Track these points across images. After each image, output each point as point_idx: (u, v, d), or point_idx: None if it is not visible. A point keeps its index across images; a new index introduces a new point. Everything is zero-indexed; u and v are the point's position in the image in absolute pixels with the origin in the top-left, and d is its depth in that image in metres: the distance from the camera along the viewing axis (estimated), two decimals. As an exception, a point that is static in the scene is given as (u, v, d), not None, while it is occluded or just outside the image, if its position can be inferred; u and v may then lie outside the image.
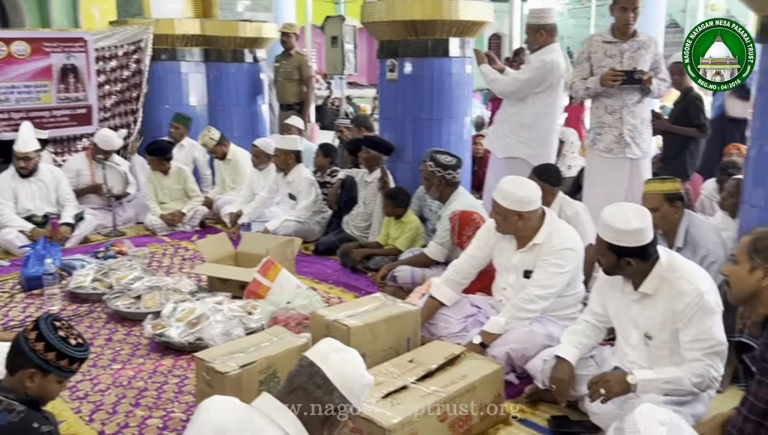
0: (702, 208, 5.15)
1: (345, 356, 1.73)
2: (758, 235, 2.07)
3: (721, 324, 2.53)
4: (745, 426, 1.94)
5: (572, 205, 4.01)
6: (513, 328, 3.12)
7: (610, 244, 2.57)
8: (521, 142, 4.71)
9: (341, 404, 1.66)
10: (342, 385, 1.66)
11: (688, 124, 5.12)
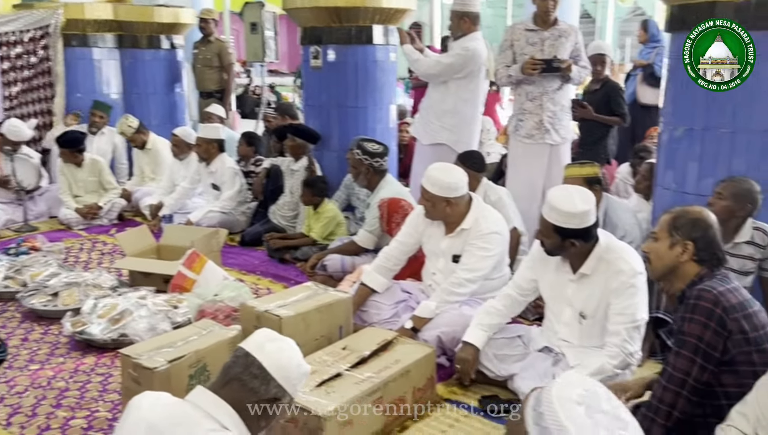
0: (617, 192, 5.37)
1: (281, 345, 1.71)
2: (677, 213, 2.18)
3: (646, 303, 2.66)
4: (665, 395, 2.06)
5: (496, 190, 4.10)
6: (443, 312, 3.17)
7: (556, 226, 2.64)
8: (445, 128, 4.77)
9: (279, 394, 1.64)
10: (279, 374, 1.64)
11: (610, 113, 5.32)
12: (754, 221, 3.19)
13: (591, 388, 1.04)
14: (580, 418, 0.98)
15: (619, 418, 1.02)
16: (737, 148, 3.27)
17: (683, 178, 3.50)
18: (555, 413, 0.99)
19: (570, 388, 1.03)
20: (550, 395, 1.02)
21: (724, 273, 2.11)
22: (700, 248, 2.09)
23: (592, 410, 1.00)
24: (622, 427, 1.01)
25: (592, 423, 0.98)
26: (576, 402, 1.00)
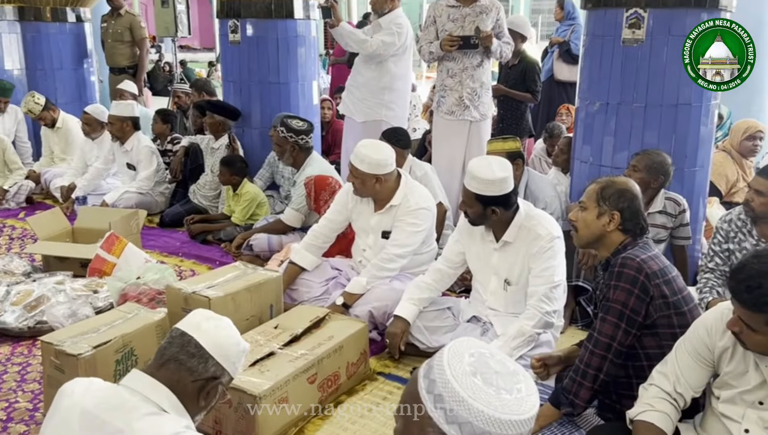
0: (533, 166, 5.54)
1: (218, 323, 1.67)
2: (605, 183, 2.26)
3: (563, 266, 2.77)
4: (592, 360, 2.15)
5: (421, 166, 4.14)
6: (374, 287, 3.19)
7: (477, 195, 2.70)
8: (383, 104, 4.77)
9: (217, 372, 1.60)
10: (217, 352, 1.60)
11: (525, 90, 5.44)
12: (666, 192, 3.37)
13: (475, 350, 1.03)
14: (481, 391, 0.98)
15: (511, 373, 1.02)
16: (649, 122, 3.43)
17: (600, 152, 3.64)
18: (455, 392, 0.97)
19: (458, 360, 1.01)
20: (444, 374, 0.99)
21: (645, 241, 2.21)
22: (626, 218, 2.18)
23: (487, 375, 0.99)
24: (517, 381, 1.01)
25: (494, 390, 0.98)
26: (470, 374, 0.99)
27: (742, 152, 4.44)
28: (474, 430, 0.96)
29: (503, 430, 0.97)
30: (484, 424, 0.96)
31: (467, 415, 0.96)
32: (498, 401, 0.97)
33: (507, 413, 0.97)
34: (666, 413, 1.90)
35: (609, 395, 2.25)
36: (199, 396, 1.58)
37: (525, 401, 1.00)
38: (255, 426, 2.31)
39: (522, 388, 1.01)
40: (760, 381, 1.78)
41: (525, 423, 0.99)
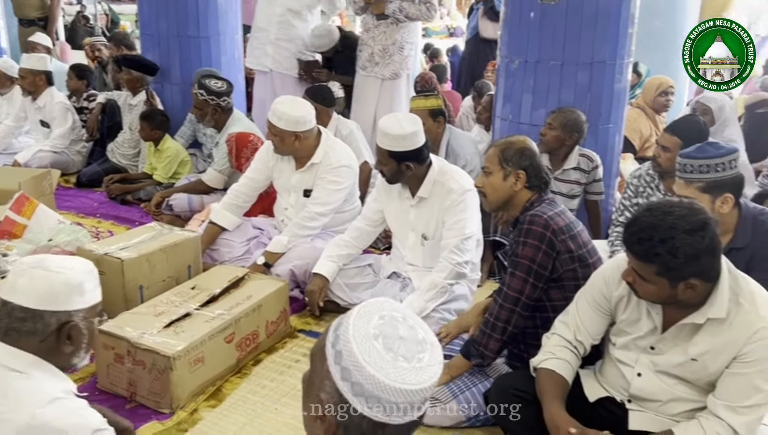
0: (461, 124, 5.59)
1: (33, 274, 1.50)
2: (503, 145, 2.29)
3: (477, 220, 2.82)
4: (501, 313, 2.22)
5: (347, 124, 4.12)
6: (295, 246, 3.19)
7: (390, 152, 2.73)
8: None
9: (62, 318, 1.50)
10: (45, 304, 1.49)
11: None
12: (581, 148, 3.47)
13: (387, 313, 1.03)
14: (377, 355, 0.98)
15: (417, 341, 1.02)
16: (566, 80, 3.49)
17: (519, 109, 3.69)
18: (352, 353, 0.98)
19: (366, 321, 1.01)
20: (347, 333, 0.99)
21: (551, 198, 2.27)
22: (530, 175, 2.23)
23: (390, 340, 1.00)
24: (421, 350, 1.01)
25: (392, 357, 0.98)
26: (372, 336, 0.99)
27: (655, 108, 4.60)
28: (364, 392, 0.97)
29: (391, 396, 0.97)
30: (373, 388, 0.97)
31: (359, 377, 0.97)
32: (392, 368, 0.98)
33: (398, 382, 0.97)
34: (567, 361, 1.99)
35: (518, 345, 2.34)
36: (59, 347, 1.51)
37: (423, 371, 0.99)
38: (169, 386, 2.30)
39: (424, 358, 1.00)
40: (651, 327, 1.88)
41: (417, 393, 0.98)
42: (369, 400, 0.97)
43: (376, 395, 0.97)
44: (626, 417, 1.94)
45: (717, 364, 1.78)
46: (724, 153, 2.27)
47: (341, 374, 0.98)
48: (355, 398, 0.97)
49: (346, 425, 0.99)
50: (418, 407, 1.00)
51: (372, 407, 0.97)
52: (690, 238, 1.64)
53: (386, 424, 0.98)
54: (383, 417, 0.98)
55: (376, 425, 0.98)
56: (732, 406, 1.75)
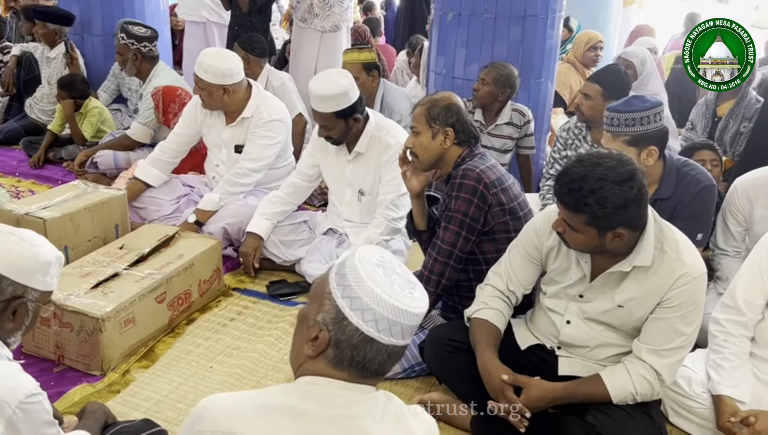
0: (396, 79, 5.55)
1: (7, 239, 1.47)
2: (428, 104, 2.26)
3: None
4: (435, 266, 2.24)
5: (278, 75, 4.02)
6: (228, 204, 3.11)
7: (336, 112, 2.67)
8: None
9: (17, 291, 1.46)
10: (9, 271, 1.44)
11: None
12: (513, 103, 3.49)
13: (386, 255, 1.16)
14: (378, 277, 1.10)
15: (410, 281, 1.15)
16: (499, 34, 3.49)
17: (453, 64, 3.68)
18: (356, 271, 1.10)
19: (369, 254, 1.14)
20: (353, 259, 1.12)
21: (482, 152, 2.28)
22: (458, 131, 2.22)
23: (389, 271, 1.12)
24: (413, 287, 1.13)
25: (389, 281, 1.10)
26: (375, 264, 1.11)
27: (585, 63, 4.67)
28: (361, 305, 1.08)
29: (385, 311, 1.08)
30: (370, 301, 1.08)
31: (359, 291, 1.08)
32: (389, 288, 1.09)
33: (393, 298, 1.08)
34: (499, 310, 2.03)
35: (452, 297, 2.37)
36: (2, 317, 1.46)
37: (414, 300, 1.11)
38: (99, 348, 2.24)
39: (415, 293, 1.12)
40: (580, 276, 1.93)
41: (406, 314, 1.09)
42: (365, 314, 1.08)
43: (372, 308, 1.07)
44: (556, 363, 2.00)
45: (642, 310, 1.85)
46: (649, 106, 2.32)
47: (342, 292, 1.09)
48: (352, 312, 1.08)
49: (338, 340, 1.09)
50: (402, 334, 1.10)
51: (366, 321, 1.08)
52: (618, 188, 1.68)
53: (374, 339, 1.08)
54: (374, 332, 1.08)
55: (366, 339, 1.08)
56: (655, 350, 1.83)
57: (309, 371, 1.12)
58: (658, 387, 1.84)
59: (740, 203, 2.53)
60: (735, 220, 2.56)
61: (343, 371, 1.10)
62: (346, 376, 1.11)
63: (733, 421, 1.92)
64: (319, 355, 1.11)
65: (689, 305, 1.80)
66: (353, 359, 1.09)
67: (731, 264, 2.51)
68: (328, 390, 1.10)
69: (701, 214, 2.41)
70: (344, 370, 1.10)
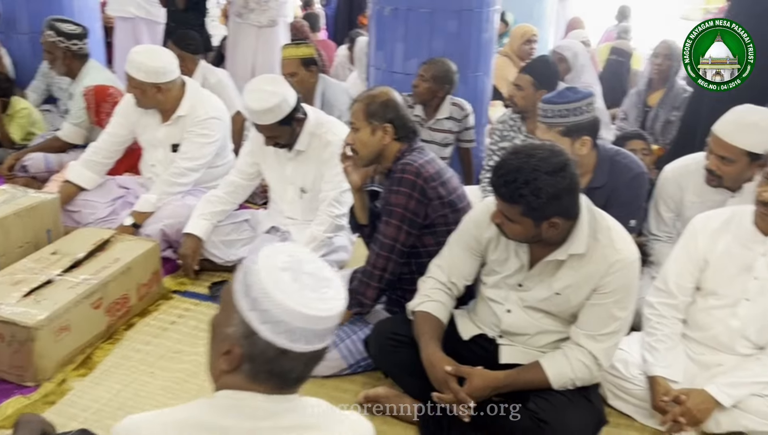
0: (337, 74, 5.53)
1: None
2: (366, 100, 2.25)
3: None
4: (377, 261, 2.24)
5: (215, 72, 3.95)
6: (165, 204, 3.04)
7: (279, 121, 2.64)
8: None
9: None
10: None
11: None
12: (452, 97, 3.52)
13: (294, 254, 1.08)
14: (285, 284, 1.02)
15: (323, 278, 1.07)
16: (436, 28, 3.52)
17: (392, 58, 3.69)
18: (261, 281, 1.02)
19: (274, 257, 1.06)
20: (256, 265, 1.04)
21: (421, 146, 2.29)
22: (397, 126, 2.22)
23: (297, 273, 1.05)
24: (326, 286, 1.06)
25: (298, 286, 1.03)
26: (281, 268, 1.04)
27: (521, 56, 4.75)
28: (271, 318, 1.01)
29: (296, 321, 1.01)
30: (280, 312, 1.01)
31: (267, 303, 1.01)
32: (298, 295, 1.02)
33: (303, 306, 1.02)
34: (441, 302, 2.05)
35: (395, 291, 2.38)
36: None
37: (327, 302, 1.05)
38: (32, 359, 2.16)
39: (329, 292, 1.06)
40: (519, 266, 1.96)
41: (321, 320, 1.03)
42: (276, 326, 1.01)
43: (283, 320, 1.01)
44: (498, 352, 2.04)
45: (578, 296, 1.90)
46: (581, 97, 2.38)
47: (250, 305, 1.02)
48: (262, 326, 1.01)
49: (252, 355, 1.03)
50: (320, 338, 1.05)
51: (278, 333, 1.01)
52: (551, 178, 1.72)
53: (289, 350, 1.02)
54: (287, 343, 1.02)
55: (280, 352, 1.02)
56: (592, 335, 1.88)
57: (228, 385, 1.07)
58: (596, 371, 1.89)
59: (671, 190, 2.62)
60: (666, 206, 2.65)
61: (262, 384, 1.05)
62: (267, 388, 1.06)
63: (666, 400, 2.00)
64: (235, 369, 1.05)
65: (623, 291, 1.85)
66: (271, 372, 1.04)
67: (664, 249, 2.60)
68: (249, 403, 1.05)
69: (633, 201, 2.48)
70: (263, 383, 1.05)
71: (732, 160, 2.35)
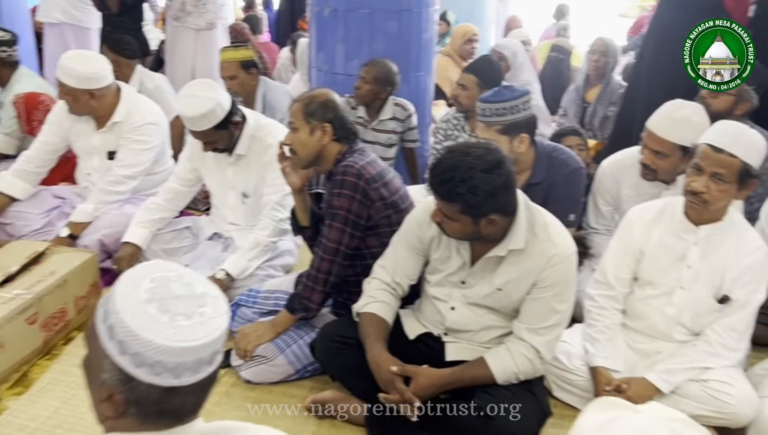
0: (280, 76, 5.48)
1: None
2: (306, 100, 2.23)
3: None
4: (322, 265, 2.22)
5: (152, 77, 3.87)
6: (103, 214, 2.96)
7: (215, 127, 2.59)
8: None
9: None
10: None
11: None
12: (395, 98, 3.53)
13: (159, 275, 0.97)
14: (151, 320, 0.92)
15: (196, 296, 0.97)
16: (376, 29, 3.52)
17: (333, 60, 3.67)
18: (123, 323, 0.91)
19: (135, 286, 0.94)
20: (115, 305, 0.92)
21: (362, 148, 2.28)
22: (336, 127, 2.21)
23: (165, 302, 0.94)
24: (202, 304, 0.96)
25: (169, 317, 0.93)
26: (144, 301, 0.93)
27: (463, 55, 4.80)
28: (145, 361, 0.91)
29: (177, 357, 0.92)
30: (154, 354, 0.91)
31: (137, 346, 0.91)
32: (171, 329, 0.92)
33: (180, 340, 0.92)
34: (386, 302, 2.05)
35: (341, 294, 2.36)
36: None
37: (206, 325, 0.95)
38: (-38, 379, 2.07)
39: (206, 311, 0.96)
40: (461, 263, 1.98)
41: (204, 347, 0.94)
42: (154, 367, 0.91)
43: (160, 360, 0.91)
44: (443, 350, 2.05)
45: (519, 291, 1.92)
46: (518, 95, 2.41)
47: (118, 349, 0.91)
48: (138, 370, 0.91)
49: (136, 400, 0.93)
50: (208, 362, 0.96)
51: (159, 374, 0.91)
52: (487, 176, 1.73)
53: (177, 387, 0.93)
54: (172, 380, 0.92)
55: (168, 391, 0.93)
56: (534, 329, 1.91)
57: (117, 429, 0.97)
58: (538, 364, 1.92)
59: (608, 184, 2.69)
60: (604, 199, 2.72)
61: (155, 423, 0.96)
62: (161, 425, 0.97)
63: (608, 390, 2.04)
64: (121, 415, 0.95)
65: (562, 284, 1.89)
66: (161, 412, 0.95)
67: (603, 241, 2.65)
68: None
69: (572, 195, 2.53)
70: (155, 423, 0.96)
71: (666, 154, 2.42)
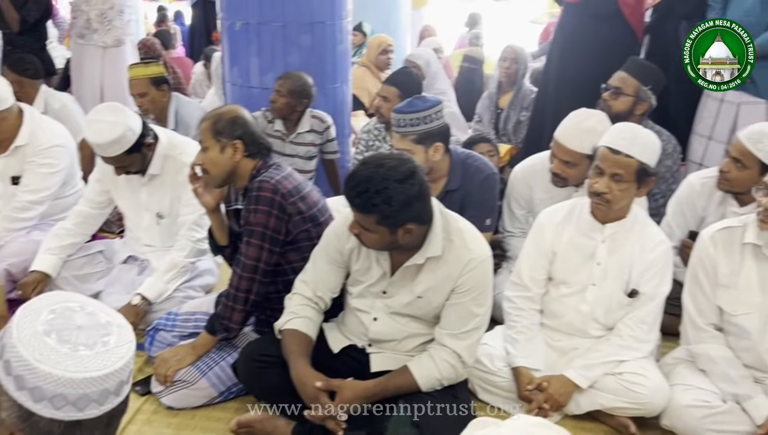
0: (195, 91, 5.39)
1: None
2: (213, 118, 2.19)
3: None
4: (241, 283, 2.17)
5: (58, 97, 3.72)
6: (9, 242, 2.82)
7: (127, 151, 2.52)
8: None
9: None
10: None
11: None
12: (312, 110, 3.52)
13: (60, 305, 0.94)
14: (50, 351, 0.88)
15: (99, 326, 0.94)
16: (289, 42, 3.51)
17: (247, 73, 3.63)
18: (20, 356, 0.87)
19: (32, 320, 0.91)
20: (11, 338, 0.88)
21: (277, 162, 2.26)
22: (247, 143, 2.17)
23: (65, 332, 0.91)
24: (105, 334, 0.94)
25: (69, 348, 0.90)
26: (43, 333, 0.89)
27: (379, 66, 4.85)
28: (45, 394, 0.87)
29: (79, 389, 0.89)
30: (54, 387, 0.87)
31: (35, 380, 0.87)
32: (72, 360, 0.89)
33: (82, 371, 0.89)
34: (309, 317, 2.03)
35: (264, 311, 2.33)
36: None
37: (110, 354, 0.92)
38: None
39: (110, 340, 0.93)
40: (381, 273, 1.99)
41: (108, 377, 0.91)
42: (54, 401, 0.87)
43: (61, 393, 0.87)
44: (368, 361, 2.05)
45: (439, 297, 1.95)
46: (430, 105, 2.46)
47: (15, 384, 0.87)
48: (37, 405, 0.87)
49: None
50: (115, 393, 0.93)
51: (60, 408, 0.88)
52: (401, 186, 1.75)
53: (81, 420, 0.89)
54: (76, 414, 0.89)
55: (71, 425, 0.89)
56: (454, 334, 1.94)
57: None
58: (461, 369, 1.95)
59: (520, 188, 2.77)
60: (518, 204, 2.79)
61: None
62: None
63: (530, 389, 2.09)
64: None
65: (479, 288, 1.92)
66: None
67: (519, 244, 2.71)
68: None
69: (487, 201, 2.59)
70: None
71: (575, 163, 2.52)
